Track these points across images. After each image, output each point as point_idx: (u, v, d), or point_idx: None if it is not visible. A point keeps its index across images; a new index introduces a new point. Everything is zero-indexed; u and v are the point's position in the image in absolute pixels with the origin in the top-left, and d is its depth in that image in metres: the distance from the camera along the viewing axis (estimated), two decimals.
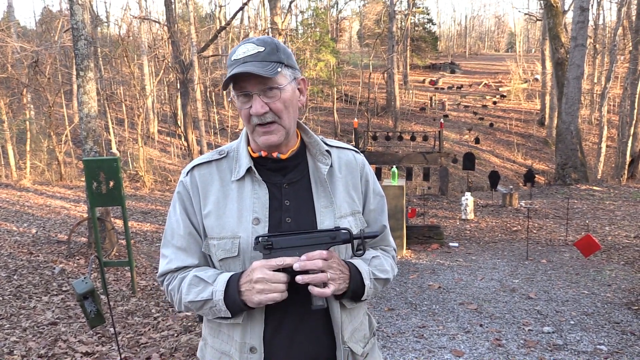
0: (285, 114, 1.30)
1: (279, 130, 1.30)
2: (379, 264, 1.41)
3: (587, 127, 27.18)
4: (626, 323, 4.39)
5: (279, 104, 1.28)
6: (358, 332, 1.41)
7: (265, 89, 1.27)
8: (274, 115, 1.28)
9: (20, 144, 19.89)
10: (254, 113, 1.27)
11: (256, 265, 1.22)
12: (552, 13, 15.56)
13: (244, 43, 1.30)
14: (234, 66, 1.27)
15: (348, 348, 1.35)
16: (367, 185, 1.47)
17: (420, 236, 7.96)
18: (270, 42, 1.30)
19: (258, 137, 1.31)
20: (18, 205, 11.03)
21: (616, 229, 8.42)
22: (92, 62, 6.83)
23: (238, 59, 1.27)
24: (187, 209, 1.37)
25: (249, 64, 1.25)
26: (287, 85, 1.30)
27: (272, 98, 1.28)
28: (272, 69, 1.25)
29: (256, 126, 1.30)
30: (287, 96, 1.30)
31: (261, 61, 1.26)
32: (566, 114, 14.07)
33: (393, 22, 30.74)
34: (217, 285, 1.26)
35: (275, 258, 1.21)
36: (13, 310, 4.83)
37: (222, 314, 1.28)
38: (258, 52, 1.27)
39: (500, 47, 66.66)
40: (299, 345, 1.32)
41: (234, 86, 1.30)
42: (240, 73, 1.24)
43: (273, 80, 1.27)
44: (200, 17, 35.67)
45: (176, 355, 3.84)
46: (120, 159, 5.44)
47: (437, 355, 3.82)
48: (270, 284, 1.20)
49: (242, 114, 1.31)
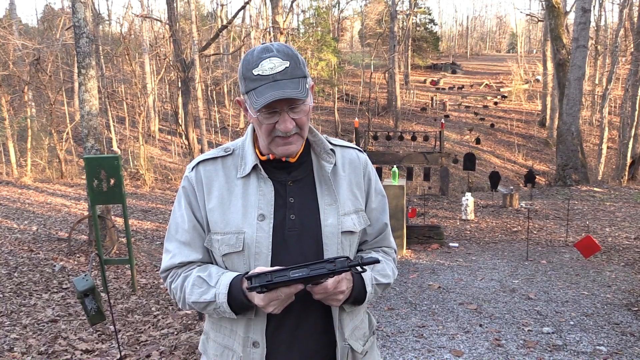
0: (306, 125, 1.32)
1: (298, 141, 1.31)
2: (381, 269, 1.42)
3: (588, 129, 27.17)
4: (626, 324, 4.39)
5: (304, 118, 1.29)
6: (358, 330, 1.42)
7: (294, 106, 1.26)
8: (297, 128, 1.29)
9: (21, 141, 19.91)
10: (283, 130, 1.26)
11: (262, 304, 1.21)
12: (553, 14, 15.55)
13: (268, 56, 1.24)
14: (261, 83, 1.23)
15: (348, 345, 1.36)
16: (370, 184, 1.47)
17: (421, 236, 7.96)
18: (292, 54, 1.27)
19: (276, 147, 1.30)
20: (19, 203, 11.04)
21: (616, 230, 8.41)
22: (94, 60, 6.84)
23: (266, 75, 1.23)
24: (191, 203, 1.37)
25: (281, 83, 1.22)
26: (309, 98, 1.30)
27: (298, 114, 1.27)
28: (302, 89, 1.24)
29: (276, 137, 1.29)
30: (309, 109, 1.31)
31: (290, 79, 1.23)
32: (567, 115, 14.06)
33: (394, 22, 30.73)
34: (220, 287, 1.26)
35: (275, 292, 1.19)
36: (13, 308, 4.84)
37: (227, 315, 1.29)
38: (285, 68, 1.23)
39: (502, 48, 66.63)
40: (301, 341, 1.33)
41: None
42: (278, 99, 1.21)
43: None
44: (201, 16, 35.68)
45: (176, 353, 3.84)
46: (121, 157, 5.44)
47: (437, 355, 3.83)
48: (282, 302, 1.21)
49: (262, 128, 1.28)
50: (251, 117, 1.30)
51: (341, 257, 1.21)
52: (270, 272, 1.19)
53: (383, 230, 1.50)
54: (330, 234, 1.33)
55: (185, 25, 21.76)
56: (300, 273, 1.19)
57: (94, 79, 6.71)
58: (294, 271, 1.19)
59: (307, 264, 1.20)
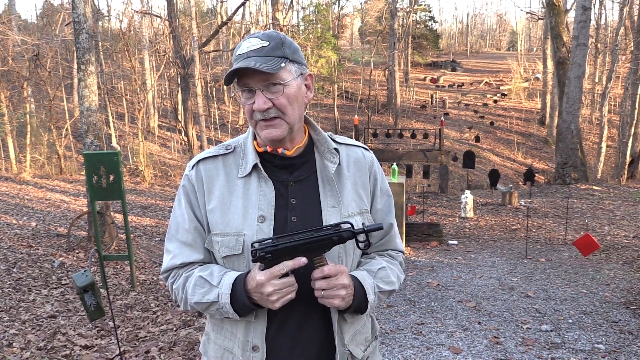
0: (289, 109, 1.27)
1: (282, 125, 1.27)
2: (384, 276, 1.38)
3: (587, 127, 27.17)
4: (624, 322, 4.40)
5: (282, 99, 1.25)
6: (360, 335, 1.39)
7: (269, 84, 1.24)
8: (277, 111, 1.26)
9: (21, 137, 19.88)
10: (256, 109, 1.25)
11: (262, 280, 1.18)
12: (554, 12, 15.53)
13: (249, 37, 1.28)
14: (237, 61, 1.24)
15: (348, 351, 1.33)
16: (376, 183, 1.43)
17: (420, 234, 7.97)
18: (276, 36, 1.27)
19: (261, 131, 1.29)
20: (18, 199, 11.04)
21: (615, 229, 8.42)
22: (93, 56, 6.82)
23: (242, 53, 1.25)
24: (192, 202, 1.34)
25: (252, 59, 1.22)
26: (292, 80, 1.27)
27: (275, 94, 1.24)
28: (275, 64, 1.22)
29: (259, 121, 1.27)
30: (291, 92, 1.27)
31: (264, 56, 1.23)
32: (567, 113, 14.06)
33: (395, 19, 30.68)
34: (223, 287, 1.24)
35: (278, 265, 1.18)
36: (12, 303, 4.84)
37: (230, 316, 1.26)
38: (262, 46, 1.24)
39: (502, 46, 66.53)
40: (302, 346, 1.30)
41: (238, 82, 1.27)
42: (241, 68, 1.22)
43: (276, 75, 1.24)
44: (201, 12, 35.60)
45: (175, 349, 3.85)
46: (121, 153, 5.44)
47: (435, 352, 3.83)
48: (282, 290, 1.18)
49: (245, 110, 1.29)
50: (242, 105, 1.30)
51: (345, 223, 1.23)
52: (275, 237, 1.19)
53: (389, 231, 1.46)
54: None
55: (185, 21, 21.72)
56: (305, 236, 1.19)
57: (93, 75, 6.70)
58: (299, 235, 1.20)
59: (312, 229, 1.21)
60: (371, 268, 1.37)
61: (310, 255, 1.21)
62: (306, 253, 1.20)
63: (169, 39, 20.17)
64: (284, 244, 1.18)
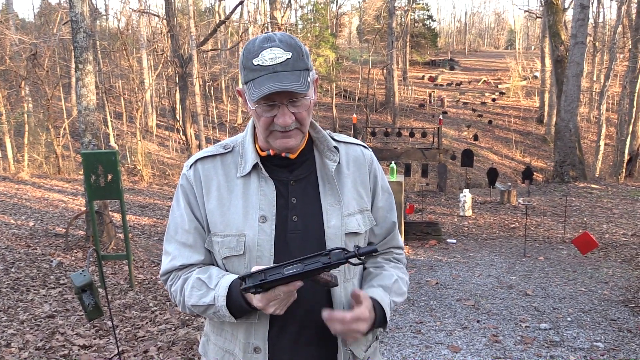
0: (307, 120, 1.25)
1: (298, 135, 1.24)
2: (397, 289, 1.38)
3: (585, 125, 27.22)
4: (623, 320, 4.40)
5: (304, 113, 1.22)
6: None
7: (294, 99, 1.19)
8: (297, 123, 1.22)
9: (18, 136, 19.86)
10: (281, 124, 1.19)
11: (261, 306, 1.15)
12: (552, 10, 15.54)
13: (270, 47, 1.19)
14: (261, 73, 1.17)
15: (349, 351, 1.31)
16: (376, 181, 1.42)
17: (418, 232, 7.97)
18: (295, 45, 1.21)
19: (274, 141, 1.24)
20: (16, 198, 11.01)
21: (614, 227, 8.44)
22: (91, 55, 6.81)
23: (266, 66, 1.17)
24: (190, 203, 1.32)
25: (281, 74, 1.16)
26: (311, 92, 1.23)
27: (299, 107, 1.21)
28: (304, 82, 1.17)
29: (274, 131, 1.23)
30: (311, 104, 1.24)
31: (292, 71, 1.17)
32: (565, 112, 14.07)
33: (393, 18, 30.67)
34: (219, 290, 1.22)
35: (273, 292, 1.14)
36: (10, 303, 4.83)
37: (227, 320, 1.24)
38: (287, 59, 1.17)
39: (500, 44, 66.60)
40: (304, 347, 1.29)
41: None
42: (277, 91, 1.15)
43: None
44: (199, 11, 35.56)
45: (173, 348, 3.84)
46: (119, 153, 5.42)
47: (434, 351, 3.83)
48: (282, 302, 1.17)
49: (261, 121, 1.22)
50: (250, 109, 1.24)
51: (336, 249, 1.15)
52: (263, 270, 1.14)
53: (392, 230, 1.44)
54: (333, 235, 1.27)
55: (183, 20, 21.71)
56: (295, 269, 1.13)
57: (91, 74, 6.68)
58: (288, 267, 1.14)
59: (302, 259, 1.15)
60: (385, 284, 1.36)
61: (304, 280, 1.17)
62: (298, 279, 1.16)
63: (166, 38, 20.14)
64: (273, 278, 1.13)
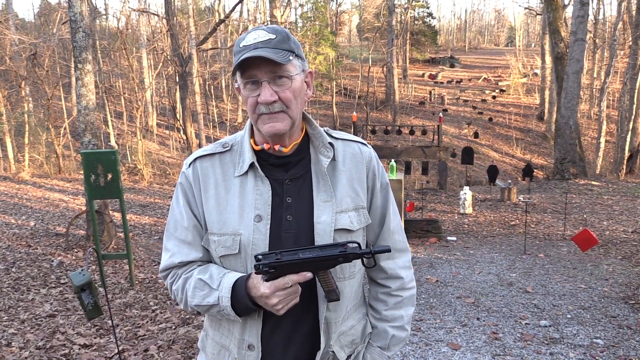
0: (294, 104, 1.25)
1: (285, 119, 1.25)
2: (396, 342, 1.43)
3: (586, 122, 27.19)
4: (623, 317, 4.40)
5: (288, 93, 1.23)
6: (345, 336, 1.37)
7: (275, 76, 1.22)
8: (282, 105, 1.23)
9: (19, 136, 19.86)
10: (262, 101, 1.21)
11: (267, 293, 1.17)
12: (552, 7, 15.51)
13: (255, 30, 1.25)
14: (243, 52, 1.21)
15: (331, 352, 1.32)
16: (375, 180, 1.40)
17: (419, 230, 7.97)
18: (282, 30, 1.25)
19: (263, 125, 1.25)
20: (16, 198, 11.02)
21: (614, 224, 8.43)
22: (91, 55, 6.80)
23: (248, 44, 1.21)
24: (189, 200, 1.33)
25: (261, 49, 1.19)
26: (297, 75, 1.25)
27: (281, 87, 1.22)
28: (284, 56, 1.20)
29: (261, 115, 1.24)
30: (296, 86, 1.25)
31: (273, 48, 1.20)
32: (565, 109, 14.06)
33: (393, 15, 30.62)
34: (223, 290, 1.23)
35: (283, 279, 1.17)
36: (11, 303, 4.84)
37: (232, 318, 1.26)
38: (270, 38, 1.22)
39: (500, 42, 66.53)
40: (295, 345, 1.30)
41: (241, 74, 1.24)
42: (251, 57, 1.18)
43: (284, 68, 1.21)
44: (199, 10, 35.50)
45: (174, 347, 3.85)
46: (119, 152, 5.43)
47: (434, 349, 3.84)
48: (286, 299, 1.18)
49: (248, 103, 1.25)
50: (244, 98, 1.26)
51: (353, 242, 1.19)
52: (279, 251, 1.17)
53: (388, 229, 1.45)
54: (322, 231, 1.27)
55: (183, 19, 21.68)
56: (310, 254, 1.16)
57: (90, 73, 6.68)
58: (305, 251, 1.17)
59: (318, 246, 1.18)
60: (382, 344, 1.42)
61: (315, 271, 1.19)
62: (310, 269, 1.19)
63: (166, 37, 20.11)
64: (289, 259, 1.16)
